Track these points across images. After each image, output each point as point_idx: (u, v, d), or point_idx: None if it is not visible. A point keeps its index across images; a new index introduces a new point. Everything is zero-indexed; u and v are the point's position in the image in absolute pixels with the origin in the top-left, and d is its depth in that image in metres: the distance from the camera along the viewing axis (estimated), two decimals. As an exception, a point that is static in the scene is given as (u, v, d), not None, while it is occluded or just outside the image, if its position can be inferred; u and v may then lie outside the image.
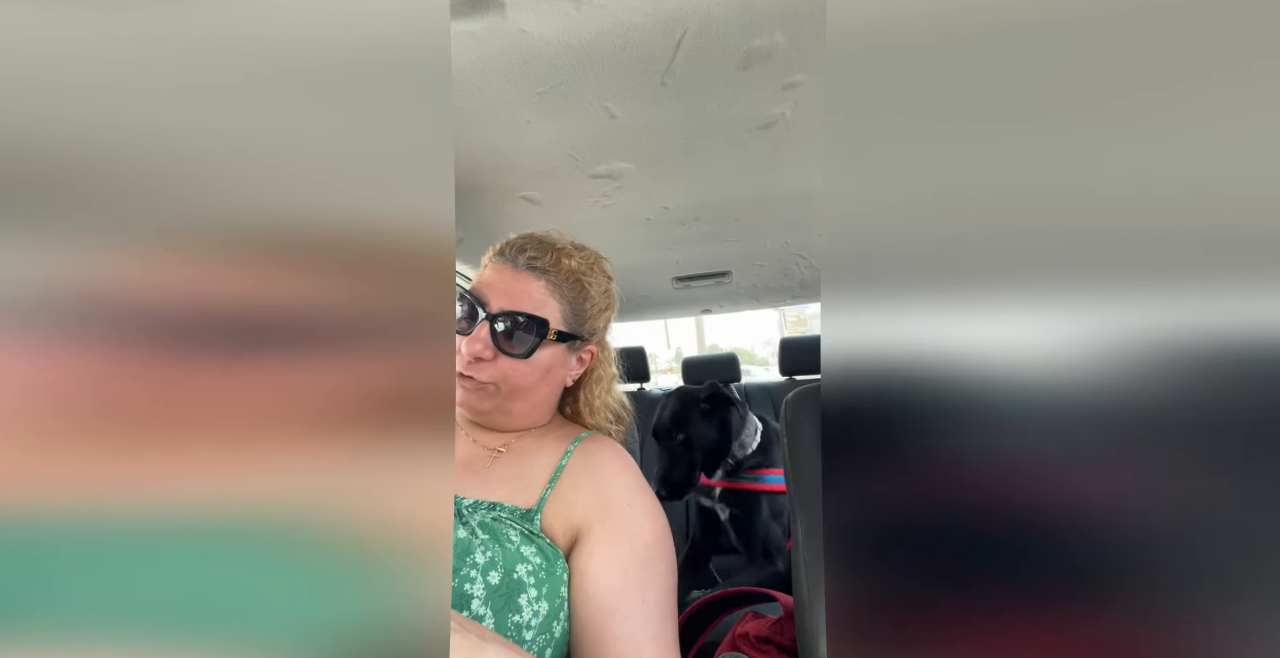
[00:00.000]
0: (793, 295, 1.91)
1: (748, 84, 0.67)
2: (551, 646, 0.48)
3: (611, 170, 0.89)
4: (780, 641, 0.75)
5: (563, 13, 0.54)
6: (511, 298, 0.55)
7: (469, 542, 0.48)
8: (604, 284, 0.62)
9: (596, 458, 0.57)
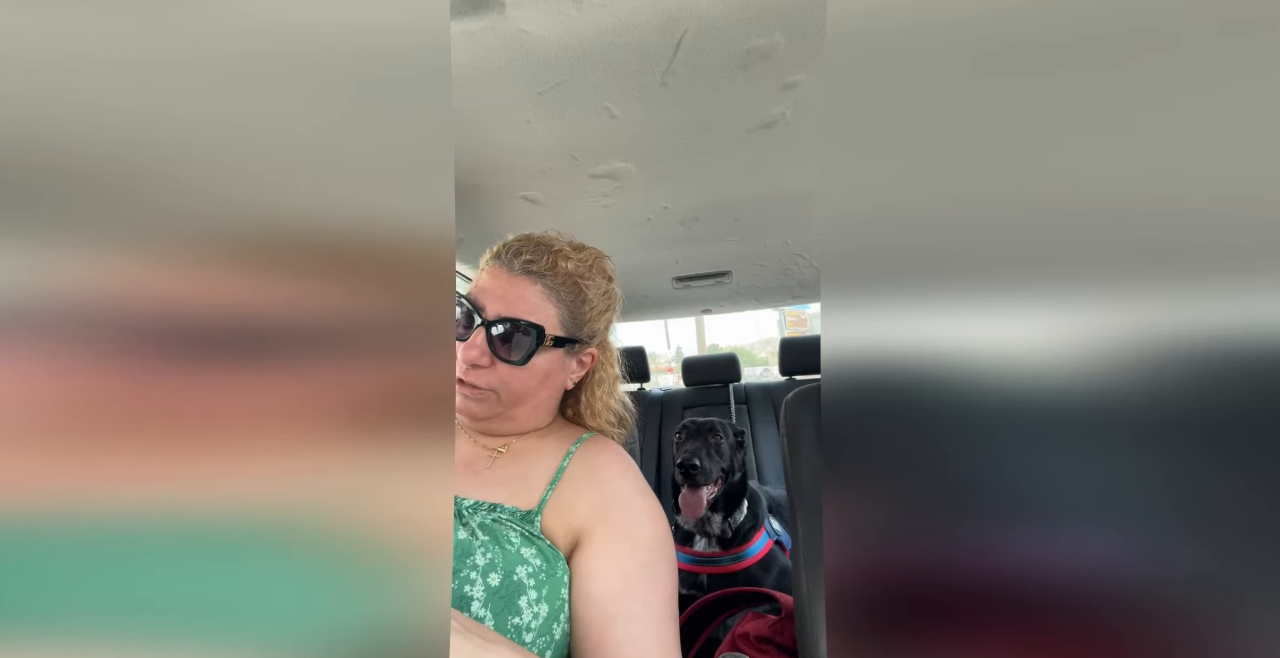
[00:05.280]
0: (793, 295, 1.91)
1: (748, 84, 0.67)
2: (551, 648, 0.48)
3: (611, 170, 0.89)
4: (780, 641, 0.75)
5: (563, 13, 0.54)
6: (507, 303, 0.55)
7: (469, 543, 0.48)
8: (603, 286, 0.61)
9: (597, 460, 0.57)
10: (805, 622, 0.59)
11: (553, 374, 0.59)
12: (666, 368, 6.24)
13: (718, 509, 1.31)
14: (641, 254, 1.36)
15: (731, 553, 1.30)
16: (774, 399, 2.14)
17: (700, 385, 2.29)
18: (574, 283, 0.58)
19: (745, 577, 1.27)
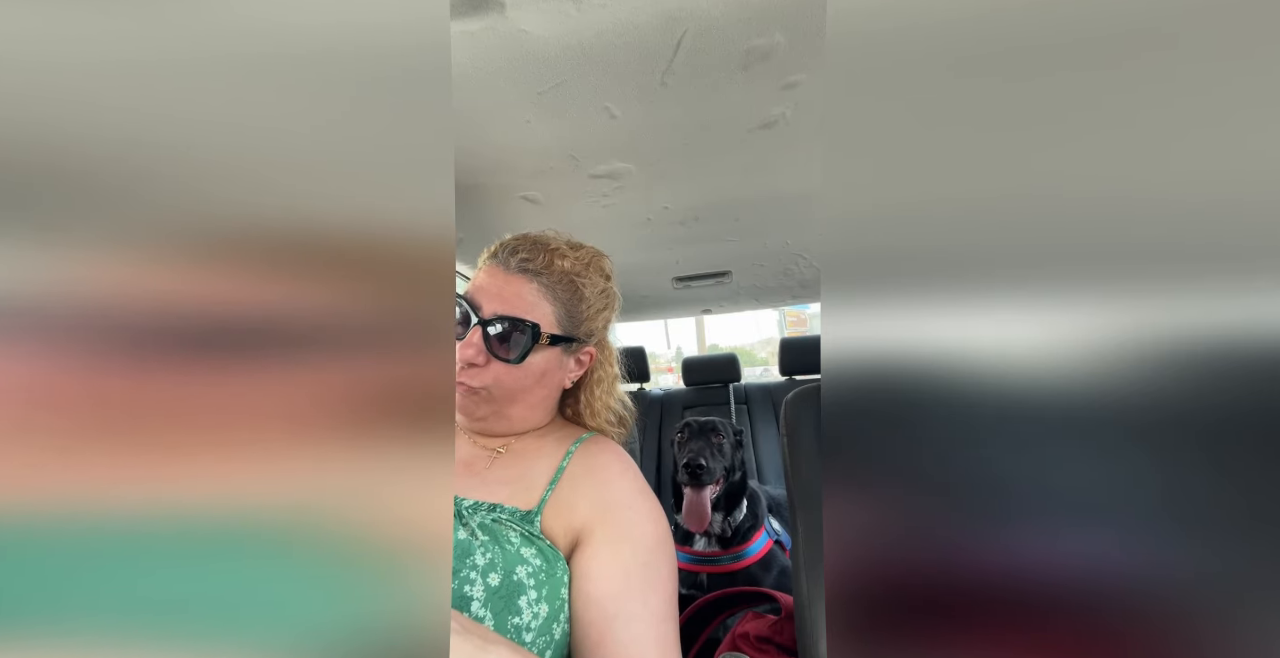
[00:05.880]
0: (793, 295, 1.91)
1: (748, 84, 0.67)
2: (551, 648, 0.48)
3: (611, 170, 0.89)
4: (780, 640, 0.75)
5: (563, 13, 0.54)
6: (504, 302, 0.55)
7: (469, 543, 0.48)
8: (601, 284, 0.61)
9: (597, 460, 0.57)
10: (805, 622, 0.59)
11: (550, 373, 0.59)
12: (666, 368, 6.23)
13: (718, 508, 1.31)
14: (641, 254, 1.36)
15: (731, 552, 1.30)
16: (774, 399, 2.14)
17: (700, 385, 2.29)
18: (571, 281, 0.58)
19: (745, 576, 1.27)
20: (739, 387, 2.24)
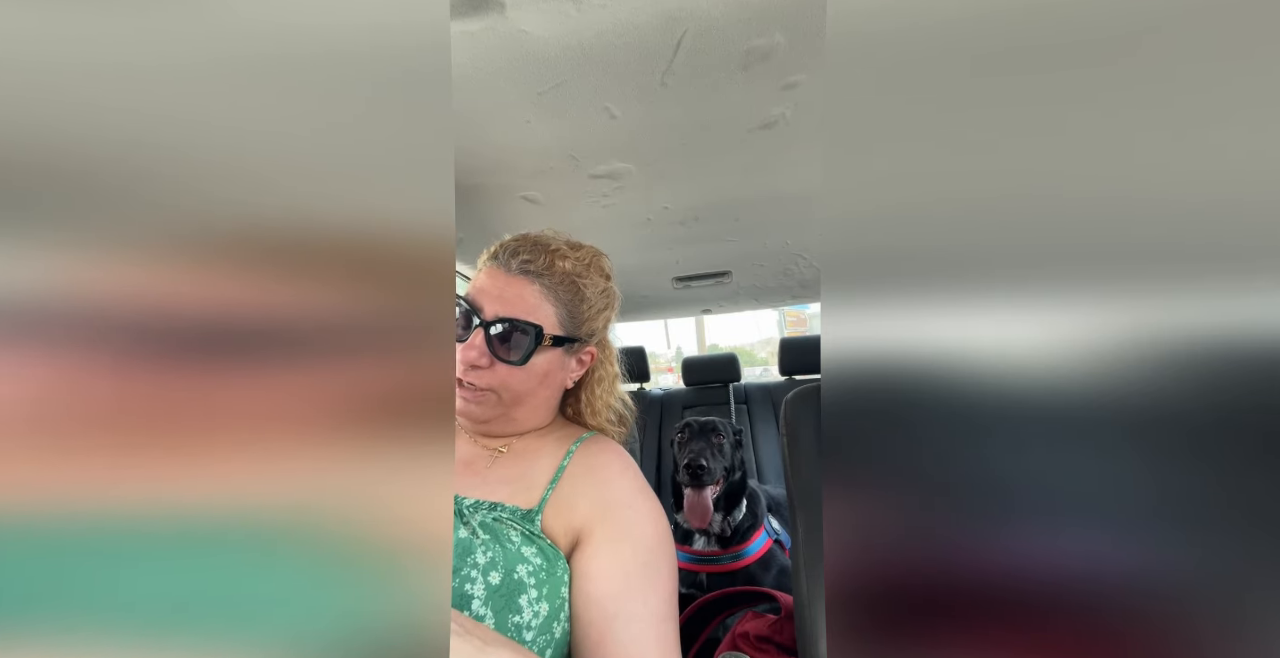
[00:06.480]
0: (793, 295, 1.91)
1: (748, 84, 0.67)
2: (552, 647, 0.48)
3: (611, 170, 0.89)
4: (780, 640, 0.75)
5: (563, 13, 0.54)
6: (506, 304, 0.55)
7: (470, 542, 0.48)
8: (601, 284, 0.61)
9: (598, 460, 0.57)
10: (805, 621, 0.59)
11: (552, 374, 0.59)
12: (666, 368, 6.23)
13: (717, 508, 1.32)
14: (641, 254, 1.36)
15: (731, 552, 1.30)
16: (774, 399, 2.14)
17: (700, 385, 2.29)
18: (571, 282, 0.58)
19: (744, 575, 1.27)
20: (739, 387, 2.25)
